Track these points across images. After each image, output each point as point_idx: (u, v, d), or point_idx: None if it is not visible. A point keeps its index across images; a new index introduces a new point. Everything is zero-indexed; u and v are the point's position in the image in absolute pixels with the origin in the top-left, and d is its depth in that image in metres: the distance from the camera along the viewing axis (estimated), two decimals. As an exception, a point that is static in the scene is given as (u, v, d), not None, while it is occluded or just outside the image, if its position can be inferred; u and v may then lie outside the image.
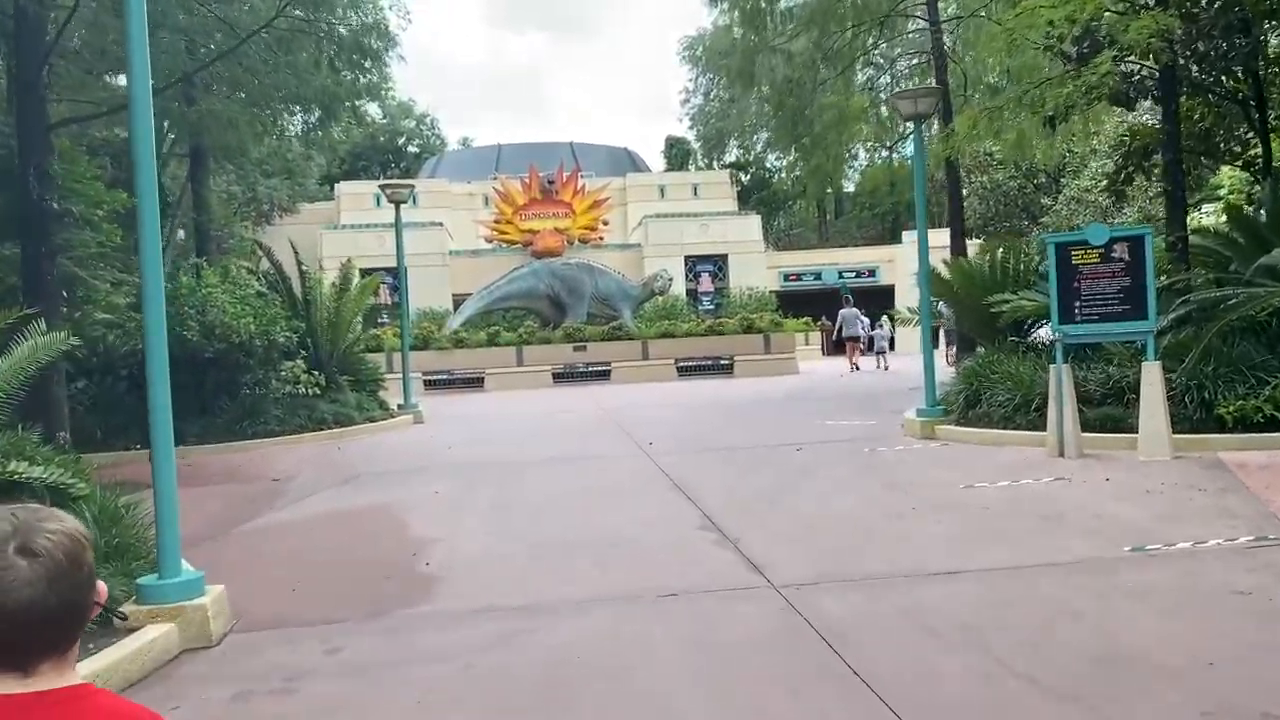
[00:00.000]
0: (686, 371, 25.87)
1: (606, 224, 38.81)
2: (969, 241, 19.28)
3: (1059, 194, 30.73)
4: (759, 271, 37.48)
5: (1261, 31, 12.24)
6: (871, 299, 35.11)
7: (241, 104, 14.79)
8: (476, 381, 25.30)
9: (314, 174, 40.84)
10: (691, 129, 57.00)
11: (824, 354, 36.64)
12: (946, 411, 11.48)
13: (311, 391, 14.43)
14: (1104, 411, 9.64)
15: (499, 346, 26.07)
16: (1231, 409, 8.83)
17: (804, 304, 37.04)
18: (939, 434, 11.04)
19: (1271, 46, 13.10)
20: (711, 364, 26.09)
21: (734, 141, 55.59)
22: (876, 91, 23.79)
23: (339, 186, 41.09)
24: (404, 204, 17.04)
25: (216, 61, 12.86)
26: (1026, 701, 3.63)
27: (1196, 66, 12.56)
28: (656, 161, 56.40)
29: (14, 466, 5.23)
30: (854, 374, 25.18)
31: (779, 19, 20.46)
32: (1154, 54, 10.72)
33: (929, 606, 4.78)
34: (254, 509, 8.54)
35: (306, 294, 15.65)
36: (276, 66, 13.31)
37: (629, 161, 48.10)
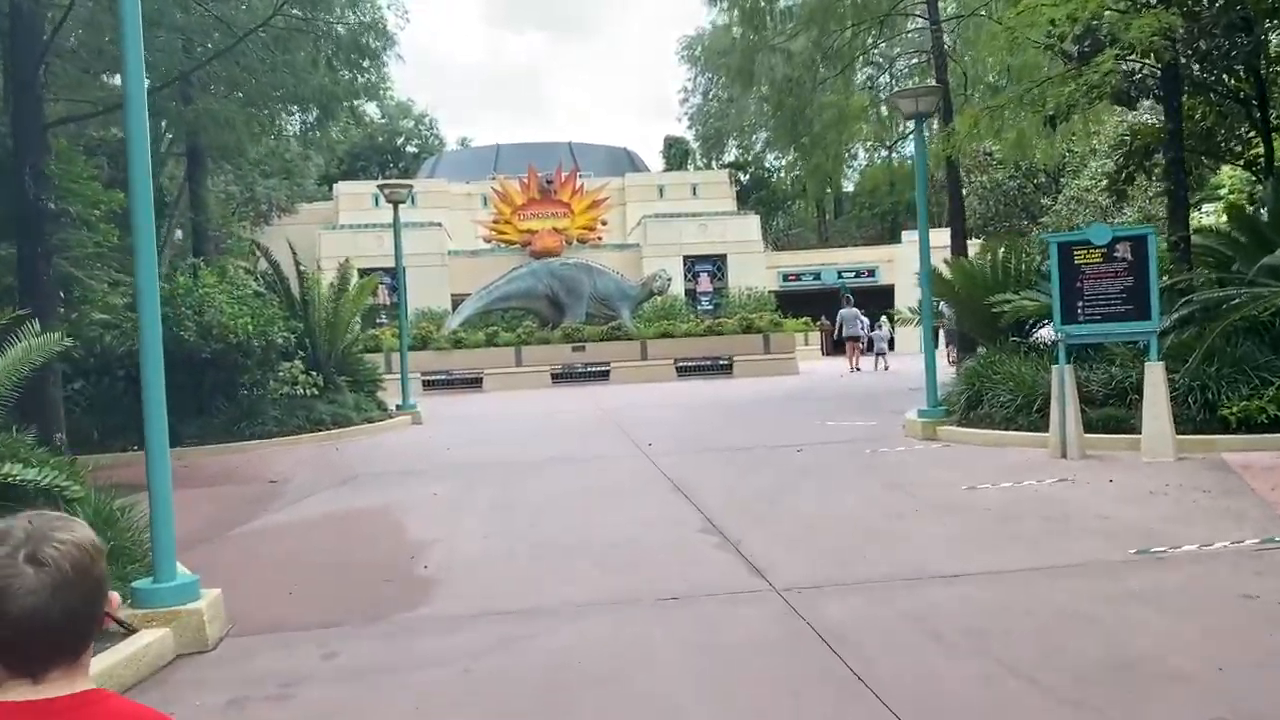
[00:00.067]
0: (686, 372, 25.82)
1: (605, 224, 38.75)
2: (969, 241, 19.22)
3: (1059, 194, 30.68)
4: (758, 271, 37.43)
5: (1263, 30, 12.17)
6: (871, 299, 35.05)
7: (239, 103, 14.72)
8: (475, 382, 25.23)
9: (312, 174, 40.75)
10: (690, 129, 56.95)
11: (823, 354, 36.61)
12: (948, 412, 11.43)
13: (309, 392, 14.37)
14: (1106, 412, 9.59)
15: (498, 347, 26.00)
16: (1235, 410, 8.78)
17: (803, 304, 36.99)
18: (940, 435, 10.98)
19: (1273, 45, 13.03)
20: (711, 364, 26.03)
21: (733, 141, 55.51)
22: (876, 91, 23.72)
23: (337, 186, 41.01)
24: (402, 204, 16.99)
25: (214, 60, 12.79)
26: (1033, 707, 3.57)
27: (1198, 65, 12.51)
28: (655, 161, 56.37)
29: (7, 469, 5.17)
30: (854, 374, 25.20)
31: (779, 18, 20.41)
32: (1156, 52, 10.67)
33: (932, 610, 4.72)
34: (251, 511, 8.49)
35: (304, 294, 15.59)
36: (274, 66, 13.24)
37: (628, 161, 48.05)
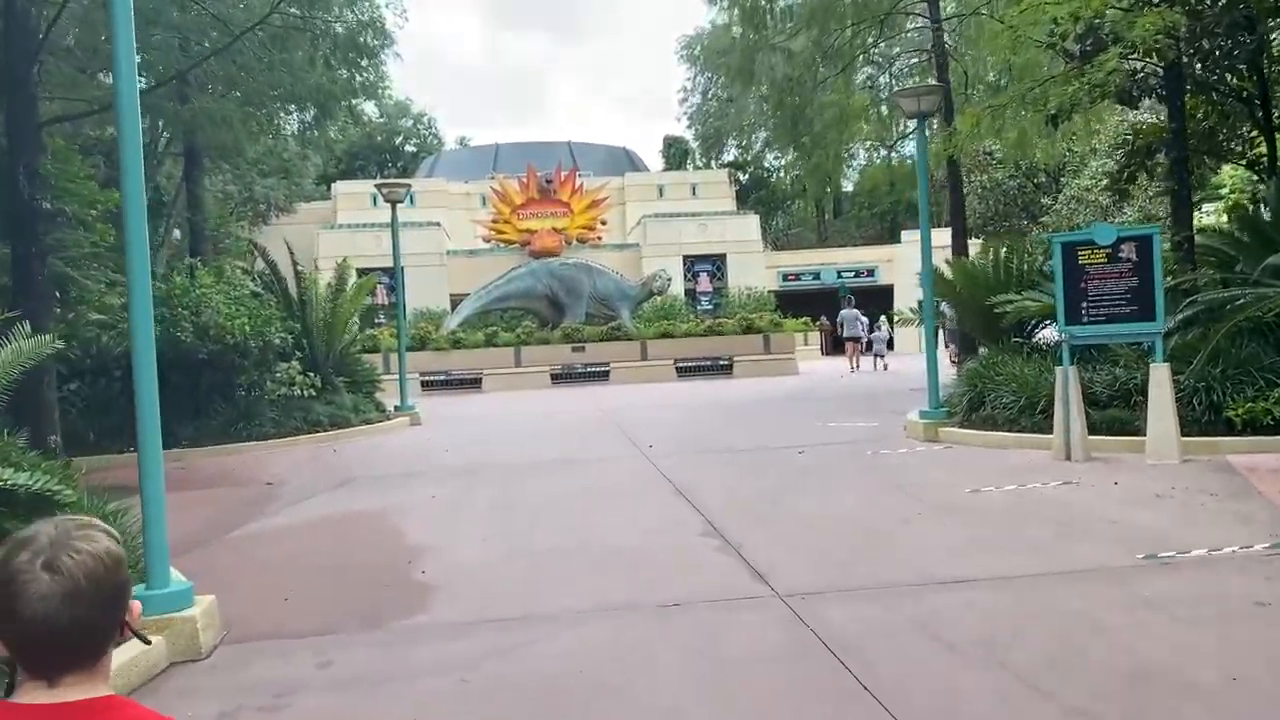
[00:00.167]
0: (686, 372, 25.72)
1: (604, 224, 38.64)
2: (969, 241, 19.14)
3: (1059, 193, 30.61)
4: (758, 271, 37.34)
5: (1266, 29, 12.10)
6: (870, 299, 34.99)
7: (236, 102, 14.62)
8: (474, 382, 25.13)
9: (311, 174, 40.61)
10: (690, 128, 56.77)
11: (823, 354, 36.54)
12: (950, 413, 11.35)
13: (307, 393, 14.28)
14: (1110, 414, 9.51)
15: (497, 347, 25.89)
16: (1241, 411, 8.70)
17: (803, 304, 36.90)
18: (942, 436, 10.90)
19: (1276, 44, 12.94)
20: (711, 364, 25.95)
21: (732, 141, 55.36)
22: (877, 90, 23.63)
23: (336, 186, 40.89)
24: (400, 203, 16.90)
25: (211, 59, 12.69)
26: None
27: (1200, 64, 12.43)
28: (655, 161, 56.28)
29: (-2, 473, 5.07)
30: (854, 374, 25.15)
31: (779, 17, 20.32)
32: (1159, 51, 10.59)
33: (941, 617, 4.64)
34: (247, 514, 8.39)
35: (302, 294, 15.49)
36: (271, 65, 13.15)
37: (627, 161, 47.96)
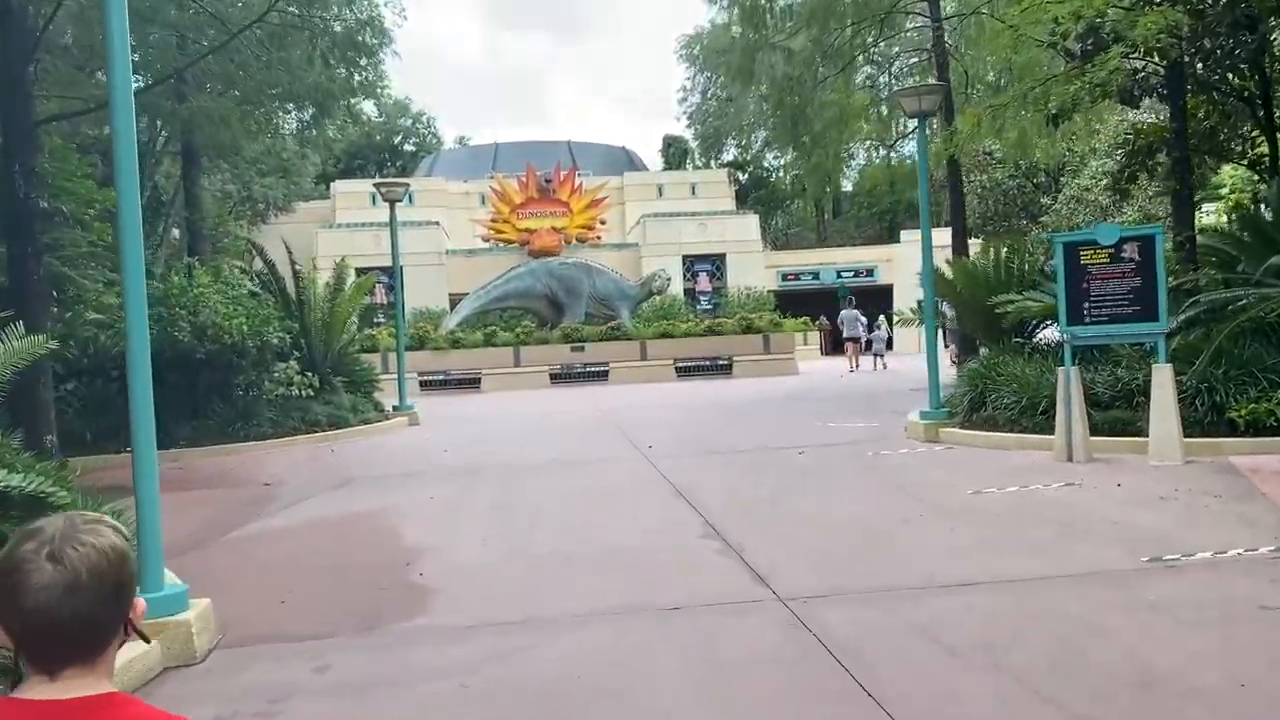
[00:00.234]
0: (685, 372, 25.67)
1: (604, 223, 38.56)
2: (968, 241, 19.08)
3: (1059, 193, 30.53)
4: (757, 271, 37.28)
5: (1268, 28, 12.05)
6: (870, 299, 34.95)
7: (234, 101, 14.56)
8: (473, 382, 25.07)
9: (310, 173, 40.54)
10: (689, 128, 56.69)
11: (822, 354, 36.49)
12: (950, 414, 11.30)
13: (305, 393, 14.22)
14: (1112, 414, 9.46)
15: (496, 347, 25.83)
16: (1244, 412, 8.66)
17: (802, 304, 36.83)
18: (943, 437, 10.85)
19: (1278, 43, 12.91)
20: (710, 364, 25.89)
21: (732, 140, 55.31)
22: (877, 90, 23.58)
23: (335, 185, 40.79)
24: (400, 203, 16.84)
25: (208, 57, 12.62)
26: (1052, 726, 3.44)
27: (1202, 64, 12.38)
28: (654, 160, 56.20)
29: (-9, 475, 5.01)
30: (853, 374, 25.14)
31: (779, 16, 20.26)
32: (1162, 50, 10.53)
33: (943, 621, 4.59)
34: (244, 514, 8.34)
35: (300, 294, 15.43)
36: (269, 63, 13.08)
37: (626, 160, 47.88)
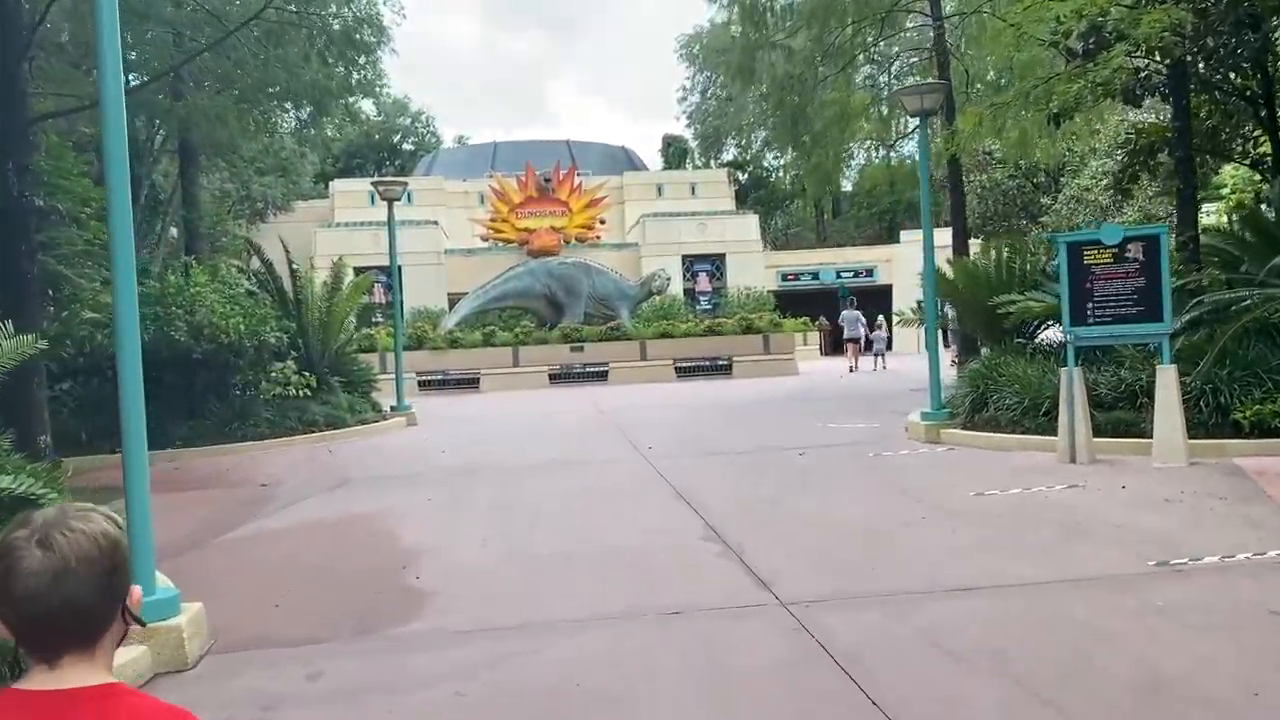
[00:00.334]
0: (685, 372, 25.58)
1: (603, 223, 38.46)
2: (969, 241, 19.01)
3: (1059, 193, 30.45)
4: (757, 271, 37.20)
5: (1271, 27, 11.98)
6: (869, 299, 34.90)
7: (231, 99, 14.46)
8: (472, 382, 24.97)
9: (308, 172, 40.47)
10: (689, 127, 56.59)
11: (822, 354, 36.42)
12: (952, 415, 11.23)
13: (302, 393, 14.13)
14: (1115, 415, 9.39)
15: (495, 347, 25.73)
16: (1248, 414, 8.59)
17: (802, 304, 36.74)
18: (944, 438, 10.78)
19: (1282, 43, 12.84)
20: (710, 364, 25.80)
21: (731, 140, 55.20)
22: (878, 89, 23.50)
23: (333, 184, 40.67)
24: (398, 202, 16.74)
25: (205, 54, 12.53)
26: (1061, 736, 3.37)
27: (1204, 63, 12.31)
28: (654, 160, 56.11)
29: (-21, 476, 4.92)
30: (853, 375, 25.09)
31: (779, 15, 20.18)
32: (1166, 48, 10.46)
33: (948, 626, 4.51)
34: (240, 516, 8.26)
35: (298, 293, 15.35)
36: (266, 61, 12.98)
37: (626, 160, 47.79)
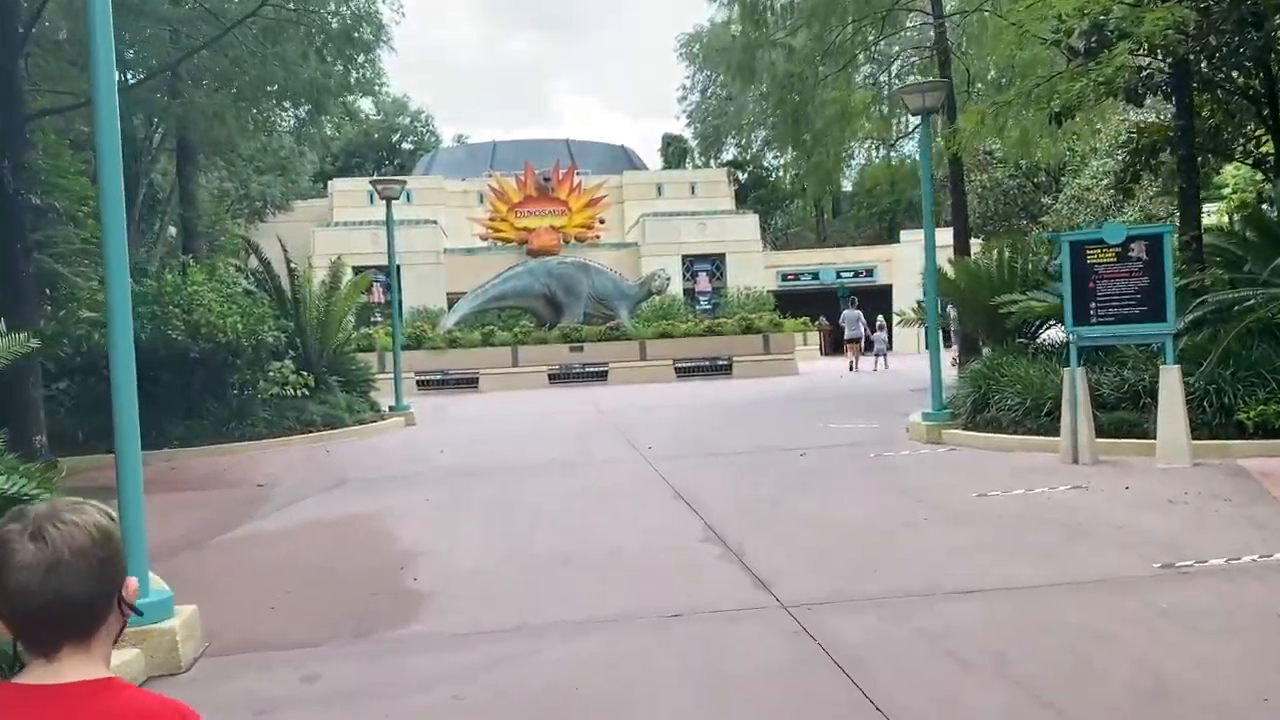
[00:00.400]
0: (685, 372, 25.51)
1: (603, 222, 38.39)
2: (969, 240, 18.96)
3: (1059, 193, 30.41)
4: (757, 271, 37.14)
5: (1274, 26, 11.91)
6: (869, 299, 34.86)
7: (229, 98, 14.39)
8: (471, 382, 24.90)
9: (308, 171, 40.40)
10: (689, 127, 56.48)
11: (822, 354, 36.37)
12: (953, 415, 11.17)
13: (300, 392, 14.06)
14: (1118, 416, 9.33)
15: (494, 346, 25.65)
16: (1252, 414, 8.53)
17: (802, 304, 36.67)
18: (945, 438, 10.72)
19: (1284, 41, 12.78)
20: (710, 365, 25.73)
21: (731, 140, 55.07)
22: (879, 88, 23.44)
23: (332, 183, 40.59)
24: (397, 200, 16.67)
25: (202, 51, 12.46)
26: (1069, 742, 3.31)
27: (1206, 62, 12.25)
28: (654, 159, 56.00)
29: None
30: (853, 375, 25.05)
31: (780, 13, 20.12)
32: (1169, 46, 10.40)
33: (952, 629, 4.45)
34: (236, 517, 8.20)
35: (296, 292, 15.28)
36: (264, 58, 12.91)
37: (626, 159, 47.70)
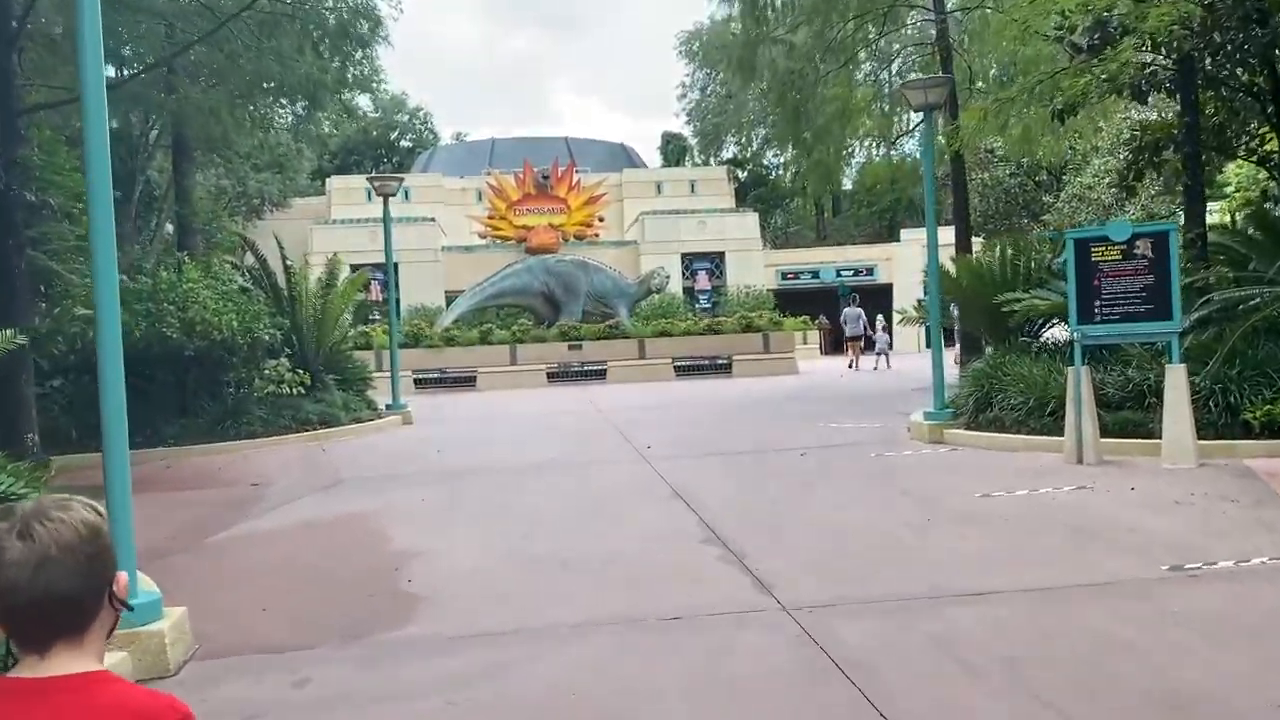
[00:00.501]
0: (684, 371, 25.40)
1: (602, 220, 38.27)
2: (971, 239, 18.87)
3: (1061, 191, 30.31)
4: (756, 270, 37.05)
5: (1279, 23, 11.82)
6: (869, 298, 34.78)
7: (225, 94, 14.27)
8: (468, 381, 24.77)
9: (305, 168, 40.23)
10: (688, 124, 56.36)
11: (822, 353, 36.29)
12: (955, 414, 11.07)
13: (296, 391, 13.93)
14: (1123, 415, 9.23)
15: (492, 345, 25.53)
16: (1258, 414, 8.43)
17: (802, 302, 36.58)
18: (947, 438, 10.62)
19: (1289, 39, 12.68)
20: (709, 363, 25.61)
21: (731, 138, 54.99)
22: (880, 85, 23.34)
23: (330, 181, 40.49)
24: (394, 198, 16.58)
25: (197, 46, 12.33)
26: (1081, 753, 3.21)
27: (1211, 59, 12.16)
28: (653, 157, 55.91)
29: (-44, 476, 4.78)
30: (854, 374, 24.95)
31: (780, 10, 20.02)
32: (1174, 42, 10.31)
33: (959, 634, 4.36)
34: (230, 516, 8.09)
35: (291, 290, 15.17)
36: (260, 53, 12.79)
37: (625, 157, 47.59)
